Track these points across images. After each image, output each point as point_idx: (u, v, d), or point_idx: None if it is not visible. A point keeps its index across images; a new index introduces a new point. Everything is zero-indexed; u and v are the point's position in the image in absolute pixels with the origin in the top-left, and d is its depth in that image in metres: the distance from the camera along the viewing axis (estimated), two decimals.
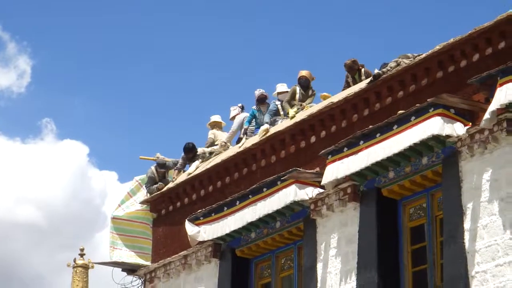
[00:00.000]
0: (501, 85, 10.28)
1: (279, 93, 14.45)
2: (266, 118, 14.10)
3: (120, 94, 35.57)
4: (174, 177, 15.34)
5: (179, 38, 34.78)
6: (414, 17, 32.54)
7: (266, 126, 13.74)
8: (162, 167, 15.44)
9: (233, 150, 14.43)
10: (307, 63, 32.39)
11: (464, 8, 31.26)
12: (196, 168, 14.90)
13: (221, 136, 15.34)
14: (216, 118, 15.75)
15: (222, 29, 34.76)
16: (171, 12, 34.92)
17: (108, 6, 35.52)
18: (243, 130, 14.71)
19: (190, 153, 15.33)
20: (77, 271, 16.81)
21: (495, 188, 10.39)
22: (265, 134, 13.57)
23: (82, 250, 17.02)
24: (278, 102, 14.21)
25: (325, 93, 13.79)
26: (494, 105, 10.19)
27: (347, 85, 13.30)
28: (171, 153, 16.23)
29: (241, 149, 14.04)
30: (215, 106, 32.93)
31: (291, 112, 13.53)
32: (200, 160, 15.08)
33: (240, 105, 15.46)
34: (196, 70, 34.63)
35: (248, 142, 14.12)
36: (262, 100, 14.62)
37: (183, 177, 15.16)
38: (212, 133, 15.40)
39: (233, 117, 15.31)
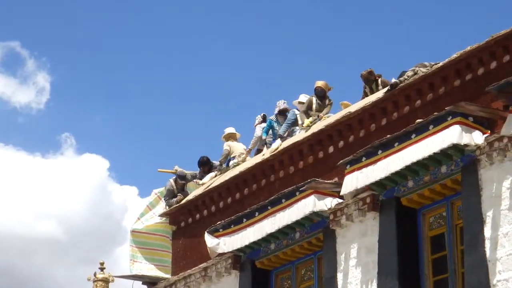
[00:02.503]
0: None
1: (299, 103, 14.48)
2: (283, 128, 14.11)
3: (139, 108, 35.71)
4: (199, 183, 15.36)
5: (201, 48, 34.88)
6: (431, 26, 32.51)
7: (277, 143, 13.78)
8: (183, 179, 15.51)
9: (252, 161, 14.45)
10: (325, 74, 32.41)
11: (481, 16, 31.21)
12: (210, 179, 14.97)
13: (237, 147, 15.38)
14: (230, 130, 15.81)
15: (240, 40, 34.86)
16: (192, 20, 35.04)
17: (124, 21, 35.72)
18: (262, 141, 14.74)
19: (206, 166, 15.51)
20: (98, 285, 16.85)
21: None
22: (275, 150, 13.64)
23: (102, 264, 17.06)
24: (297, 112, 14.23)
25: (345, 101, 13.80)
26: None
27: (365, 95, 13.32)
28: (190, 166, 16.30)
29: (260, 160, 14.06)
30: (230, 118, 32.96)
31: (306, 121, 13.57)
32: (215, 172, 15.15)
33: (262, 114, 15.54)
34: (214, 82, 34.75)
35: (266, 153, 14.14)
36: (282, 113, 14.64)
37: (201, 189, 15.19)
38: (227, 145, 15.45)
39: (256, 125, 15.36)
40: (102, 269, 16.93)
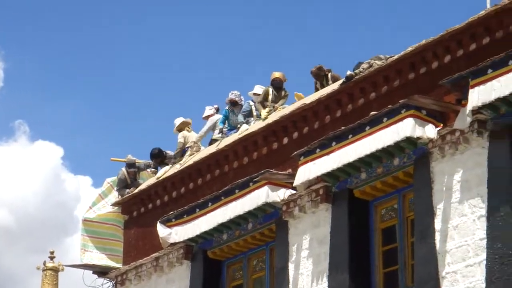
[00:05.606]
0: (472, 87, 10.34)
1: (254, 94, 14.46)
2: (240, 118, 14.09)
3: (93, 97, 35.44)
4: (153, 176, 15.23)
5: (155, 40, 34.76)
6: (387, 19, 32.75)
7: (246, 126, 13.75)
8: (132, 167, 15.36)
9: (206, 151, 14.39)
10: (281, 65, 32.51)
11: (436, 10, 31.50)
12: (164, 173, 14.88)
13: (192, 136, 15.24)
14: (180, 120, 15.55)
15: (196, 32, 34.77)
16: (147, 12, 34.86)
17: (80, 8, 35.37)
18: (218, 130, 14.66)
19: (158, 158, 15.42)
20: (47, 274, 16.68)
21: (466, 189, 10.44)
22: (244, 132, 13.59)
23: (52, 253, 16.92)
24: (252, 103, 14.22)
25: (299, 93, 13.82)
26: (470, 106, 10.23)
27: (317, 91, 13.36)
28: (145, 156, 16.15)
29: (214, 150, 14.00)
30: (189, 108, 32.87)
31: (264, 113, 13.56)
32: (170, 166, 15.04)
33: (216, 106, 15.41)
34: (169, 72, 34.65)
35: (221, 143, 14.09)
36: (233, 104, 14.60)
37: (154, 179, 15.09)
38: (182, 136, 15.26)
39: (207, 117, 15.24)
40: (52, 258, 16.76)
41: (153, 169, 15.60)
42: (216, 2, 34.31)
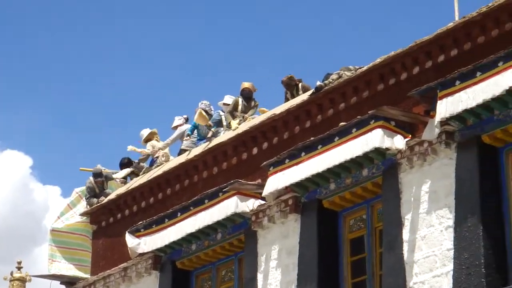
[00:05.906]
0: (440, 98, 10.41)
1: (224, 104, 14.47)
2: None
3: (63, 106, 35.27)
4: (116, 180, 15.27)
5: (123, 48, 34.70)
6: (356, 30, 32.96)
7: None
8: (98, 176, 15.28)
9: (175, 161, 14.35)
10: (249, 75, 32.62)
11: (404, 21, 31.77)
12: (126, 174, 14.89)
13: (161, 145, 15.24)
14: (146, 131, 15.56)
15: (170, 39, 34.73)
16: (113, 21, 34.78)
17: (47, 16, 35.23)
18: (185, 137, 14.65)
19: (127, 167, 15.40)
20: (14, 284, 16.58)
21: (434, 199, 10.50)
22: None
23: (19, 263, 16.83)
24: (222, 113, 14.22)
25: (263, 108, 13.86)
26: (438, 118, 10.30)
27: (287, 101, 13.40)
28: (115, 166, 16.08)
29: (183, 160, 13.97)
30: (157, 118, 32.81)
31: (234, 124, 13.55)
32: (132, 168, 15.09)
33: (185, 116, 15.40)
34: (137, 81, 34.61)
35: (190, 153, 14.07)
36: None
37: (123, 188, 15.03)
38: (150, 145, 15.24)
39: (176, 127, 15.24)
40: (19, 268, 16.66)
41: (122, 179, 15.55)
42: (186, 12, 34.34)
